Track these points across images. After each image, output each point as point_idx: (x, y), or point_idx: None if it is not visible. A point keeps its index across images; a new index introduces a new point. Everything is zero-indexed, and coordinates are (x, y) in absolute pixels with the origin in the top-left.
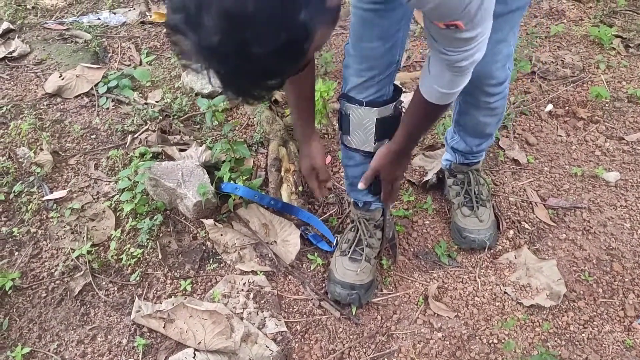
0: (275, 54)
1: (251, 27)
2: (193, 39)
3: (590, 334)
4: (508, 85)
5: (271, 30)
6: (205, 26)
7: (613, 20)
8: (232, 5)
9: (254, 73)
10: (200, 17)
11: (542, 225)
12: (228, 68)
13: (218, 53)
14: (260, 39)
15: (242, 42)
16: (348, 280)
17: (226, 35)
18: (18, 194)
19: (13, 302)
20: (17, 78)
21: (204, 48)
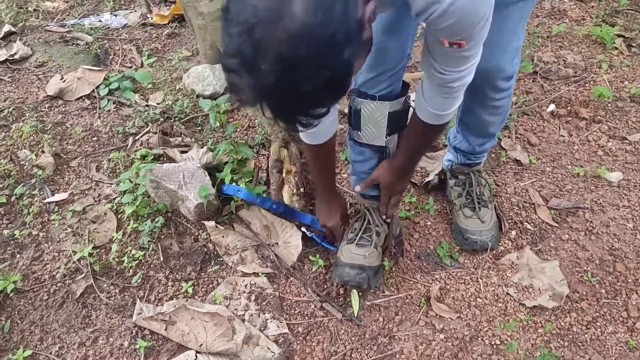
0: (322, 89)
1: (302, 69)
2: (249, 80)
3: (594, 335)
4: (514, 83)
5: (319, 70)
6: (262, 69)
7: (615, 20)
8: (286, 51)
9: (303, 106)
10: (257, 62)
11: (544, 226)
12: (280, 103)
13: (272, 91)
14: (309, 78)
15: (294, 82)
16: (356, 261)
17: (280, 77)
18: (20, 197)
19: (15, 304)
20: (18, 80)
21: (259, 88)
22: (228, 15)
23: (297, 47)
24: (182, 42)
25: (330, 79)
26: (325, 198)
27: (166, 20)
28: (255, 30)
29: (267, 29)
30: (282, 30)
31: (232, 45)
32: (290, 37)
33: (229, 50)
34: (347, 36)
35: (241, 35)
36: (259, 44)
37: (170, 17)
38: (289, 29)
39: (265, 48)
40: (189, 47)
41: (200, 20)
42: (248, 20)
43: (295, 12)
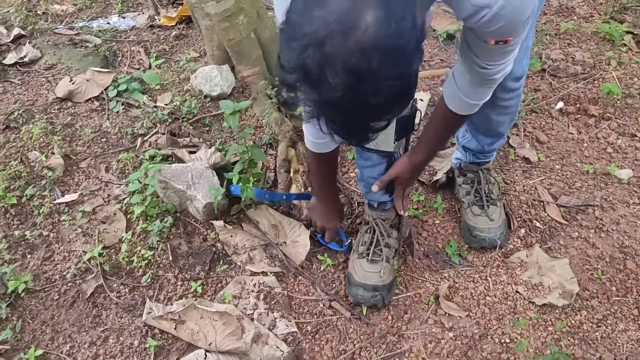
0: (390, 101)
1: (373, 82)
2: (312, 95)
3: (604, 333)
4: (523, 83)
5: (390, 82)
6: (329, 83)
7: (624, 17)
8: (358, 64)
9: (367, 119)
10: (323, 75)
11: (553, 224)
12: (344, 118)
13: (338, 106)
14: (379, 91)
15: (362, 95)
16: (370, 282)
17: (349, 90)
18: (30, 198)
19: (26, 304)
20: (28, 83)
21: (324, 102)
22: (289, 27)
23: (369, 59)
24: (190, 44)
25: (399, 91)
26: (325, 202)
27: (173, 22)
28: (324, 42)
29: (338, 41)
30: (354, 42)
31: (294, 59)
32: (363, 49)
33: (291, 65)
34: (417, 46)
35: (307, 49)
36: (328, 56)
37: (177, 19)
38: (362, 40)
39: (335, 61)
40: (196, 48)
41: (208, 22)
42: (317, 32)
43: (367, 23)
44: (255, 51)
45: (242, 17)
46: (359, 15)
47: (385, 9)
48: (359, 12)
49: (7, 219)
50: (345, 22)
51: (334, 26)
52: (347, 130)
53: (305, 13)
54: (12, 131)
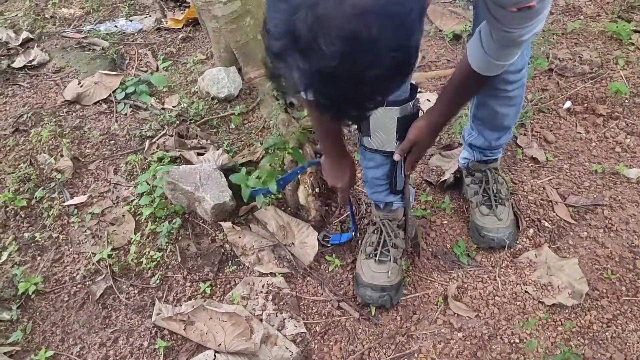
0: (388, 75)
1: (371, 51)
2: (302, 64)
3: (614, 333)
4: (526, 74)
5: (389, 54)
6: (322, 51)
7: (631, 16)
8: (356, 30)
9: (362, 95)
10: (315, 42)
11: (562, 224)
12: (338, 91)
13: (331, 77)
14: (376, 62)
15: (359, 66)
16: (378, 282)
17: (343, 59)
18: (40, 200)
19: (36, 306)
20: (37, 86)
21: (315, 72)
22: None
23: (369, 25)
24: (197, 46)
25: (398, 64)
26: (333, 159)
27: (180, 24)
28: (318, 4)
29: (334, 3)
30: (353, 5)
31: (282, 22)
32: (362, 13)
33: (278, 29)
34: (420, 16)
35: (297, 11)
36: (321, 20)
37: (184, 21)
38: (361, 3)
39: (329, 26)
40: (203, 51)
41: (215, 24)
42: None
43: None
44: (262, 53)
45: (248, 19)
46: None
47: None
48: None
49: (17, 221)
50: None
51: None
52: (338, 106)
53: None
54: (21, 134)
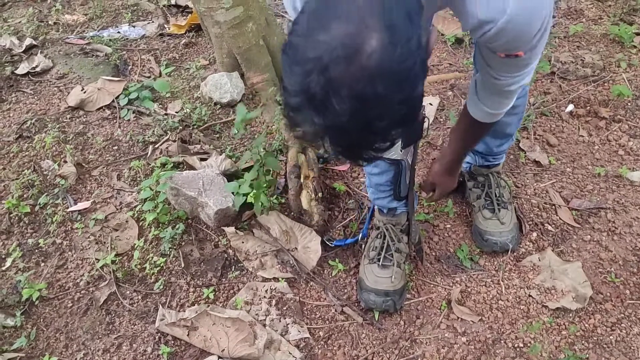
0: (395, 124)
1: (379, 106)
2: (317, 119)
3: (619, 337)
4: (530, 84)
5: (396, 106)
6: (334, 108)
7: (633, 18)
8: (363, 89)
9: (372, 142)
10: (328, 101)
11: (565, 227)
12: (350, 141)
13: (343, 129)
14: (385, 115)
15: (369, 120)
16: (381, 287)
17: (354, 115)
18: (43, 206)
19: (40, 312)
20: (40, 92)
21: (329, 127)
22: (291, 52)
23: (375, 84)
24: (199, 51)
25: (405, 115)
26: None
27: (183, 30)
28: (329, 69)
29: (342, 67)
30: (359, 68)
31: (297, 83)
32: (370, 75)
33: (294, 88)
34: (422, 68)
35: (310, 74)
36: (332, 82)
37: (187, 27)
38: (367, 66)
39: (340, 87)
40: (206, 56)
41: (217, 29)
42: (321, 57)
43: (372, 47)
44: (264, 58)
45: (251, 25)
46: (363, 39)
47: (389, 32)
48: (364, 36)
49: (20, 227)
50: (350, 48)
51: (338, 52)
52: (351, 152)
53: (308, 37)
54: (25, 140)
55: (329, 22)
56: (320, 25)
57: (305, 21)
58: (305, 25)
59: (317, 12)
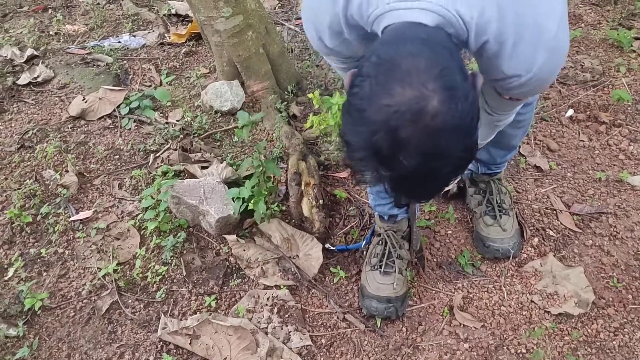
0: (456, 170)
1: (443, 159)
2: (383, 170)
3: (622, 342)
4: (537, 98)
5: (457, 156)
6: (401, 163)
7: (632, 23)
8: (429, 146)
9: (434, 187)
10: (395, 157)
11: (567, 232)
12: (412, 188)
13: (407, 180)
14: (448, 165)
15: (432, 170)
16: (383, 294)
17: (420, 168)
18: (45, 216)
19: (42, 322)
20: (42, 102)
21: (394, 177)
22: (355, 114)
23: (440, 140)
24: (200, 60)
25: (466, 161)
26: None
27: (183, 39)
28: (396, 130)
29: (410, 129)
30: (425, 128)
31: (363, 140)
32: (435, 133)
33: (359, 145)
34: (478, 118)
35: (376, 133)
36: (400, 142)
37: (187, 36)
38: (432, 125)
39: (407, 145)
40: (206, 65)
41: (217, 38)
42: (386, 120)
43: (435, 108)
44: (264, 66)
45: (250, 33)
46: (426, 102)
47: (449, 92)
48: (426, 98)
49: (22, 237)
50: (415, 110)
51: (404, 115)
52: (412, 195)
53: (372, 101)
54: (26, 150)
55: (392, 87)
56: (384, 90)
57: (368, 86)
58: (368, 90)
59: (379, 77)
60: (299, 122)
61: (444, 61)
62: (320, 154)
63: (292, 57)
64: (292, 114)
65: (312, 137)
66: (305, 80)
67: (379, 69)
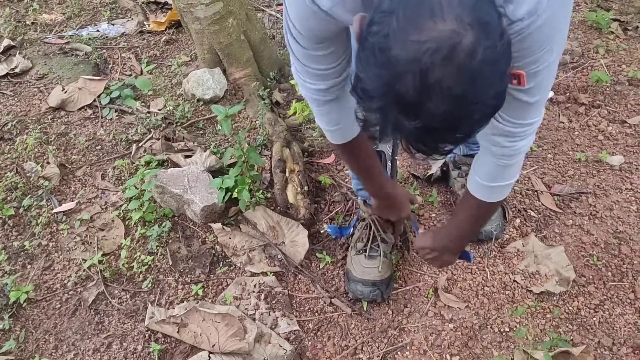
0: (485, 118)
1: (475, 105)
2: (406, 121)
3: (602, 318)
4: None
5: (489, 102)
6: (428, 110)
7: (610, 4)
8: (462, 90)
9: (458, 138)
10: (422, 103)
11: (548, 212)
12: (433, 141)
13: (433, 130)
14: (477, 111)
15: (460, 118)
16: (368, 277)
17: (448, 116)
18: (27, 208)
19: (28, 314)
20: (20, 94)
21: (418, 128)
22: (375, 54)
23: (474, 83)
24: (180, 48)
25: (496, 107)
26: (382, 198)
27: (163, 27)
28: (427, 70)
29: (442, 69)
30: (460, 68)
31: (384, 86)
32: (469, 73)
33: (379, 92)
34: (511, 60)
35: (401, 77)
36: (429, 85)
37: (167, 24)
38: (469, 65)
39: (438, 89)
40: (187, 52)
41: (197, 25)
42: (416, 59)
43: (471, 45)
44: (245, 53)
45: (231, 20)
46: (461, 37)
47: (484, 27)
48: (460, 34)
49: (5, 230)
50: (448, 47)
51: (438, 53)
52: (431, 149)
53: (398, 37)
54: (6, 143)
55: (422, 21)
56: (412, 24)
57: (393, 21)
58: (395, 24)
59: (407, 10)
60: (282, 109)
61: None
62: (304, 140)
63: (273, 43)
64: (275, 100)
65: (296, 124)
66: (287, 66)
67: (404, 1)
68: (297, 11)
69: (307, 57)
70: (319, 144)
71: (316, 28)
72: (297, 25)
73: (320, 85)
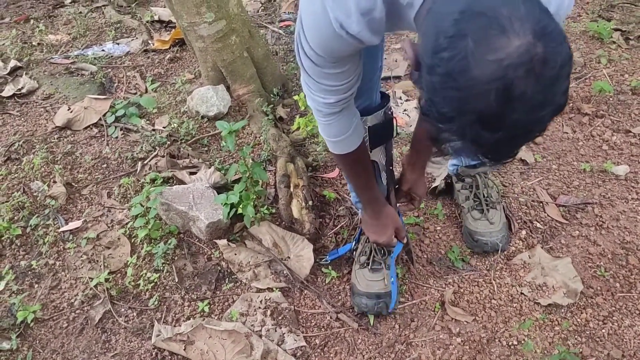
0: (555, 114)
1: (548, 106)
2: (487, 135)
3: (611, 330)
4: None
5: (560, 100)
6: (510, 123)
7: (611, 14)
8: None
9: (530, 139)
10: (504, 117)
11: (554, 224)
12: (514, 147)
13: (511, 140)
14: (551, 112)
15: (537, 121)
16: (373, 290)
17: (527, 123)
18: (34, 228)
19: (35, 334)
20: (27, 114)
21: (497, 141)
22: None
23: (551, 88)
24: (184, 66)
25: (563, 105)
26: (371, 212)
27: (167, 45)
28: (508, 86)
29: (523, 82)
30: (538, 77)
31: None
32: (546, 80)
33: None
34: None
35: (482, 96)
36: (512, 99)
37: (171, 42)
38: (544, 73)
39: (520, 101)
40: (191, 70)
41: (201, 43)
42: (500, 77)
43: (543, 54)
44: (249, 70)
45: (234, 37)
46: (535, 50)
47: (548, 35)
48: (535, 46)
49: (12, 249)
50: (527, 61)
51: (520, 67)
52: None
53: (476, 59)
54: (13, 162)
55: (494, 40)
56: (486, 45)
57: (466, 44)
58: (472, 46)
59: (477, 32)
60: (285, 124)
61: (535, 3)
62: (308, 155)
63: (276, 59)
64: (278, 116)
65: (300, 139)
66: (290, 82)
67: (471, 23)
68: (319, 35)
69: (320, 74)
70: (322, 158)
71: (337, 49)
72: (315, 46)
73: (329, 99)
